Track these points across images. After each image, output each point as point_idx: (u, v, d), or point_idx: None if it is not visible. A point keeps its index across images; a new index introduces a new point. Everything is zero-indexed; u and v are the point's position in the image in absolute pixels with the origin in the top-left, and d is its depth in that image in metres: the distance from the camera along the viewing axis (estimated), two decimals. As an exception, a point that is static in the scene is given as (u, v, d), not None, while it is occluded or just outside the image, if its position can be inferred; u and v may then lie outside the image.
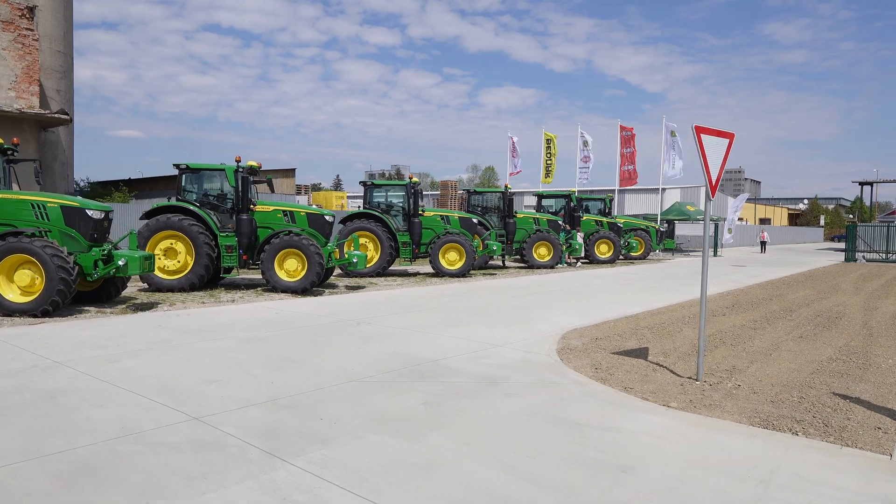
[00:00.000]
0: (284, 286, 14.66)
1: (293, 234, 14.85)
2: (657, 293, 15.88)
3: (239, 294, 14.35)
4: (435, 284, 17.40)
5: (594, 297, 14.55)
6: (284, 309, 11.99)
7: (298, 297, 14.16)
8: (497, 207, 24.46)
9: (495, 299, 13.87)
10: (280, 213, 15.67)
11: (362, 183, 20.49)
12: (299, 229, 15.29)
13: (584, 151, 39.32)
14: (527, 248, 24.02)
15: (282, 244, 14.77)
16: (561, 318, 11.21)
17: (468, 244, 19.61)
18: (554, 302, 13.53)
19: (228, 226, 15.16)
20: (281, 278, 14.80)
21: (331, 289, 16.01)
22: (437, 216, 20.54)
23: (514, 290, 16.06)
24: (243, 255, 15.02)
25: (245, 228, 14.87)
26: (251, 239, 15.06)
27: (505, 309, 12.30)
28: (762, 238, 41.02)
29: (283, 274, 14.88)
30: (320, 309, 12.02)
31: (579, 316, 11.58)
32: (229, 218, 15.31)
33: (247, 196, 14.99)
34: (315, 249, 14.72)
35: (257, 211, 15.51)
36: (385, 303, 13.13)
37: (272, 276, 14.80)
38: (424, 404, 5.88)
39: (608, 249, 28.13)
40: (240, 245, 14.94)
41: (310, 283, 14.66)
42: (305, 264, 14.78)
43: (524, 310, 12.20)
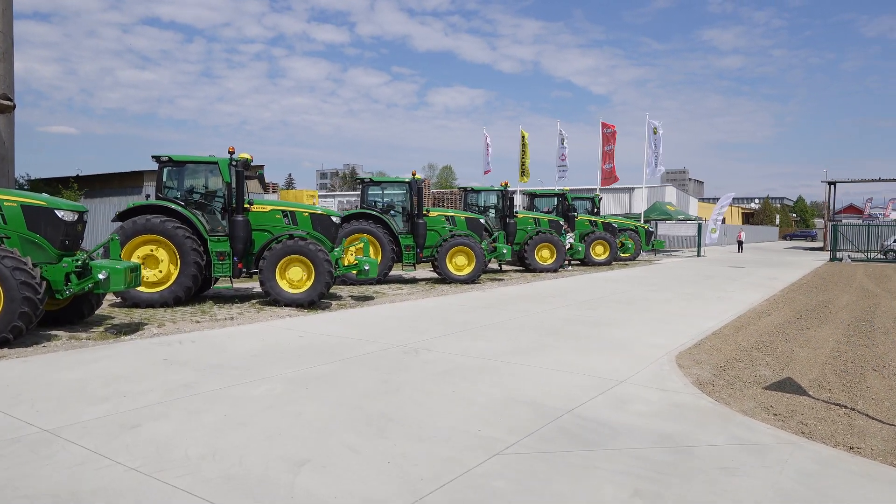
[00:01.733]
0: (288, 298, 12.59)
1: (297, 239, 12.76)
2: (705, 301, 14.37)
3: (235, 309, 12.10)
4: (450, 293, 15.45)
5: (650, 308, 12.91)
6: (307, 330, 9.85)
7: (305, 311, 12.01)
8: (495, 207, 22.67)
9: (543, 312, 12.05)
10: (279, 213, 13.44)
11: (359, 180, 18.34)
12: (303, 232, 13.14)
13: (563, 149, 38.02)
14: (528, 250, 22.30)
15: (285, 250, 12.62)
16: (647, 338, 9.49)
17: (478, 247, 17.73)
18: (614, 315, 11.82)
19: (219, 228, 13.06)
20: (284, 289, 12.68)
21: (336, 300, 13.88)
22: (441, 217, 18.58)
23: (549, 299, 14.28)
24: (238, 264, 12.92)
25: (241, 231, 12.77)
26: (247, 244, 12.95)
27: (570, 325, 10.50)
28: (739, 238, 40.60)
29: (286, 284, 12.75)
30: (351, 330, 9.94)
31: (663, 334, 9.88)
32: (220, 219, 13.14)
33: (241, 194, 12.80)
34: (324, 256, 12.60)
35: (252, 211, 13.25)
36: (419, 318, 11.13)
37: (273, 287, 12.68)
38: (638, 495, 3.98)
39: (604, 251, 26.70)
40: (234, 251, 12.83)
41: (318, 295, 12.55)
42: (312, 273, 12.64)
43: (593, 326, 10.43)
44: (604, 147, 36.36)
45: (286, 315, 11.49)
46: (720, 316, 11.98)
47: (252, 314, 11.48)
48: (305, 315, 11.53)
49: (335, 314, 11.70)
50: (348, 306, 13.04)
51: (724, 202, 37.25)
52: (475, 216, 19.05)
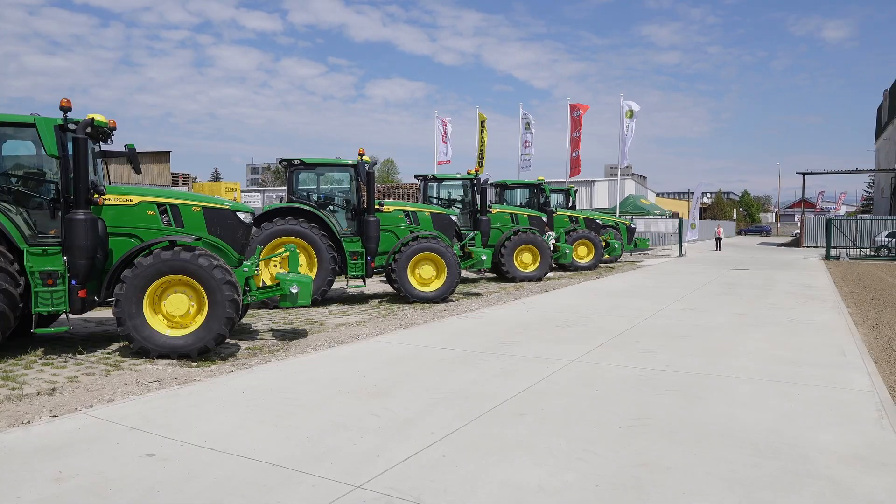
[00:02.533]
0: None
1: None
2: (784, 328, 10.19)
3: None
4: (419, 322, 10.78)
5: (730, 348, 8.63)
6: (159, 438, 5.03)
7: (192, 363, 7.16)
8: (463, 200, 18.10)
9: (579, 364, 7.58)
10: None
11: (284, 162, 13.42)
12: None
13: (527, 134, 33.77)
14: (506, 253, 17.80)
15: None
16: (812, 430, 5.09)
17: (450, 254, 13.12)
18: (693, 364, 7.46)
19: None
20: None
21: (248, 339, 9.04)
22: (399, 213, 13.87)
23: (566, 332, 9.82)
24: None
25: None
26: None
27: (648, 400, 6.03)
28: (718, 234, 37.37)
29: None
30: (255, 433, 5.18)
31: (824, 421, 5.51)
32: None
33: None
34: (223, 277, 8.03)
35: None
36: (387, 389, 6.44)
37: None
38: None
39: (587, 253, 22.49)
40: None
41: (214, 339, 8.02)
42: (204, 305, 7.95)
43: (688, 400, 5.97)
44: (571, 132, 32.30)
45: (146, 371, 6.61)
46: (855, 362, 7.75)
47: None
48: (181, 377, 6.65)
49: (233, 382, 6.86)
50: (263, 354, 8.22)
51: (699, 195, 33.76)
52: (444, 211, 14.43)
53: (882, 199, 54.07)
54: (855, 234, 31.73)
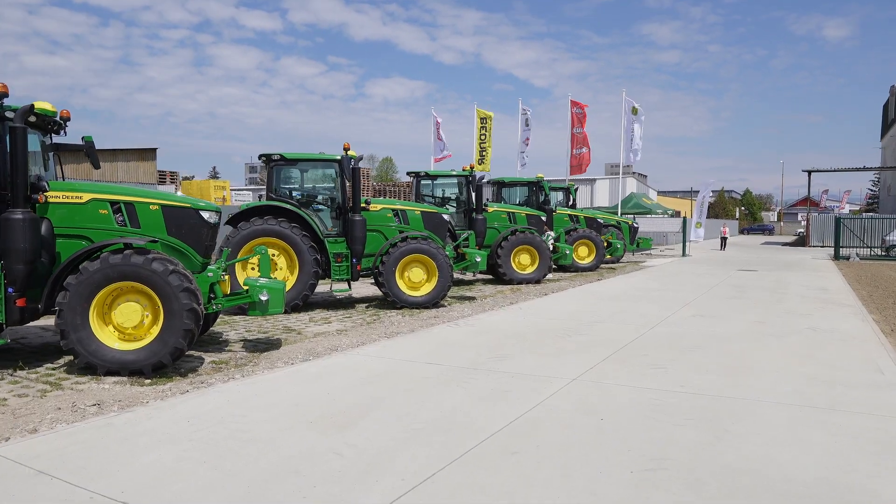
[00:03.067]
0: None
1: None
2: (805, 338, 9.28)
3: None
4: (405, 331, 9.87)
5: (752, 364, 7.71)
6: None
7: (136, 379, 6.27)
8: (458, 198, 17.18)
9: (582, 383, 6.68)
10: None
11: (264, 157, 12.50)
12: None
13: (527, 131, 32.85)
14: (502, 254, 16.87)
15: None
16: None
17: (441, 256, 12.21)
18: (714, 385, 6.54)
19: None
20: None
21: (215, 351, 8.14)
22: (387, 211, 12.95)
23: (568, 343, 8.92)
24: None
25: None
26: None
27: (665, 435, 5.11)
28: (723, 233, 36.38)
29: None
30: (200, 471, 4.27)
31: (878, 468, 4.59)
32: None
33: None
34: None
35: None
36: (356, 418, 5.53)
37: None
38: None
39: (588, 253, 21.57)
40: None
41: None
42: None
43: (713, 437, 5.05)
44: (572, 129, 31.36)
45: (89, 392, 5.70)
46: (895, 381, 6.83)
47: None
48: (127, 399, 5.73)
49: (182, 406, 5.94)
50: (228, 369, 7.31)
51: (705, 194, 32.80)
52: (436, 210, 13.51)
53: (889, 198, 53.09)
54: (863, 233, 30.78)
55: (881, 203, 58.33)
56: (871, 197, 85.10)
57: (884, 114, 59.15)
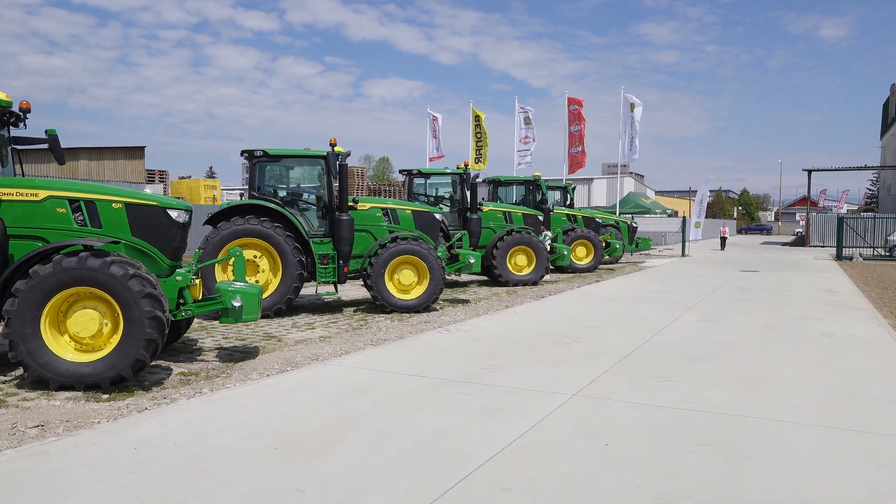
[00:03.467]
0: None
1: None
2: (820, 346, 8.68)
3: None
4: (393, 338, 9.25)
5: (775, 379, 7.09)
6: None
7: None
8: (452, 197, 16.57)
9: (587, 402, 6.05)
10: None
11: (246, 154, 11.85)
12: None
13: (525, 130, 32.21)
14: (498, 255, 16.25)
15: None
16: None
17: (433, 257, 11.59)
18: (735, 404, 5.92)
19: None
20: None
21: (183, 360, 7.51)
22: (376, 210, 12.32)
23: (566, 352, 8.31)
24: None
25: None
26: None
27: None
28: (723, 233, 35.79)
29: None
30: None
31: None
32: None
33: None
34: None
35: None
36: (323, 446, 4.90)
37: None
38: None
39: (587, 254, 20.97)
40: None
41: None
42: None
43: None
44: (570, 127, 30.76)
45: (36, 410, 5.06)
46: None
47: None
48: (75, 419, 5.09)
49: (134, 429, 5.30)
50: (197, 381, 6.68)
51: (704, 193, 32.18)
52: (428, 209, 12.88)
53: (889, 197, 52.61)
54: (865, 233, 30.24)
55: (881, 202, 57.86)
56: (869, 196, 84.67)
57: (884, 112, 58.66)
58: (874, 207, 72.94)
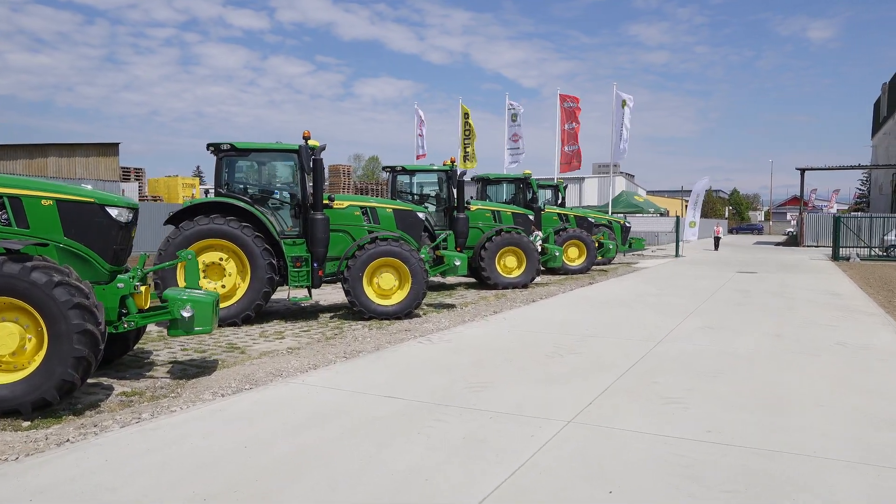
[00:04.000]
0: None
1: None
2: (835, 356, 7.88)
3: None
4: (370, 349, 8.37)
5: (798, 401, 6.27)
6: None
7: None
8: (438, 195, 15.71)
9: (596, 435, 5.20)
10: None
11: (212, 147, 10.91)
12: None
13: (514, 127, 31.42)
14: (486, 256, 15.40)
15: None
16: None
17: (415, 259, 10.73)
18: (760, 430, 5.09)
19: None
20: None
21: (133, 375, 6.61)
22: (354, 209, 11.44)
23: (565, 365, 7.47)
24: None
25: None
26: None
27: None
28: (716, 233, 35.08)
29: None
30: None
31: None
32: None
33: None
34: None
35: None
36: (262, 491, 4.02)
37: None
38: None
39: (579, 254, 20.17)
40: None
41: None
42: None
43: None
44: (563, 125, 29.96)
45: None
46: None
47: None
48: None
49: (39, 470, 4.40)
50: (140, 402, 5.80)
51: (699, 192, 31.45)
52: (410, 207, 12.01)
53: (880, 197, 52.22)
54: (859, 232, 29.64)
55: (872, 202, 57.52)
56: (859, 196, 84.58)
57: (875, 111, 58.34)
58: (864, 207, 72.84)
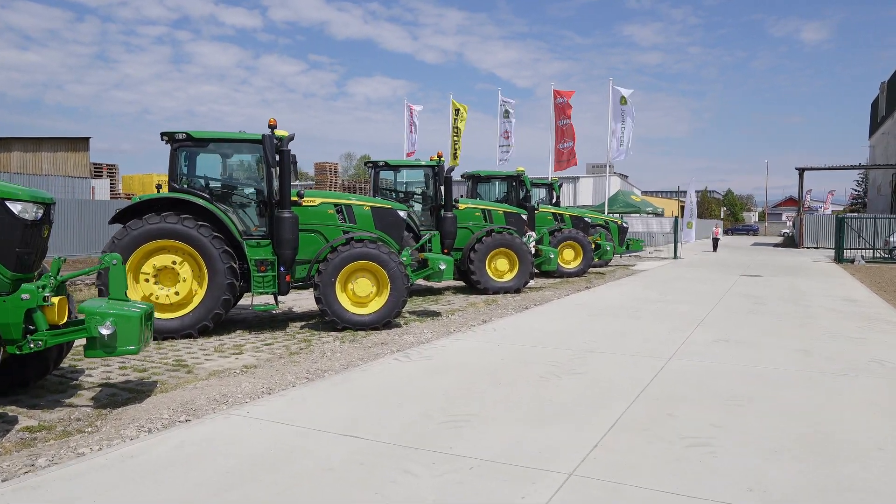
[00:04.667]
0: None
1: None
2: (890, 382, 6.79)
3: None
4: (338, 367, 7.24)
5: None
6: None
7: None
8: (424, 193, 14.60)
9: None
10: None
11: (166, 136, 9.71)
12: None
13: (505, 124, 30.33)
14: (476, 259, 14.29)
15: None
16: None
17: (394, 263, 9.60)
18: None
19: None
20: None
21: (34, 417, 5.47)
22: (327, 206, 10.28)
23: (560, 395, 6.36)
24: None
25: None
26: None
27: None
28: (715, 234, 34.05)
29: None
30: None
31: None
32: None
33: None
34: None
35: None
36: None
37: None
38: None
39: (574, 257, 19.09)
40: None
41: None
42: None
43: None
44: (557, 121, 28.85)
45: None
46: None
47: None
48: None
49: None
50: (41, 442, 4.66)
51: (691, 192, 30.39)
52: (390, 205, 10.85)
53: (879, 197, 51.36)
54: (861, 234, 28.69)
55: (870, 202, 56.75)
56: (854, 197, 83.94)
57: (872, 111, 57.55)
58: (860, 208, 72.11)
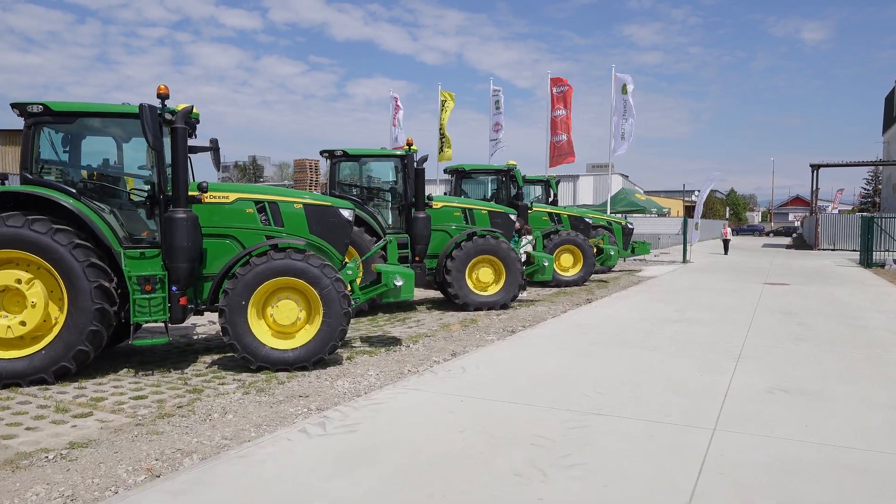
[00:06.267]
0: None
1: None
2: None
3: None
4: (264, 433, 4.71)
5: None
6: None
7: None
8: (394, 189, 12.08)
9: None
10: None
11: (18, 108, 7.15)
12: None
13: (497, 116, 27.82)
14: (454, 268, 11.76)
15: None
16: None
17: (328, 280, 7.08)
18: None
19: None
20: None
21: None
22: (243, 204, 7.73)
23: None
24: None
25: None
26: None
27: None
28: (725, 235, 31.40)
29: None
30: None
31: None
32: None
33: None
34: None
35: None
36: None
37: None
38: None
39: (574, 262, 16.57)
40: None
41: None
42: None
43: None
44: (553, 111, 26.33)
45: None
46: None
47: None
48: None
49: None
50: None
51: (704, 192, 27.86)
52: (329, 202, 8.25)
53: (893, 195, 48.82)
54: (888, 234, 26.18)
55: (884, 200, 54.18)
56: (864, 195, 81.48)
57: (886, 106, 54.94)
58: (869, 207, 69.55)
